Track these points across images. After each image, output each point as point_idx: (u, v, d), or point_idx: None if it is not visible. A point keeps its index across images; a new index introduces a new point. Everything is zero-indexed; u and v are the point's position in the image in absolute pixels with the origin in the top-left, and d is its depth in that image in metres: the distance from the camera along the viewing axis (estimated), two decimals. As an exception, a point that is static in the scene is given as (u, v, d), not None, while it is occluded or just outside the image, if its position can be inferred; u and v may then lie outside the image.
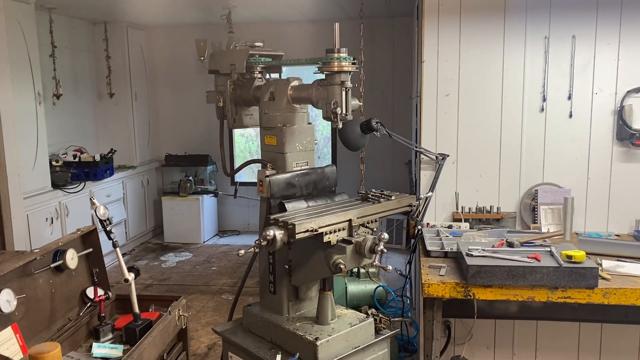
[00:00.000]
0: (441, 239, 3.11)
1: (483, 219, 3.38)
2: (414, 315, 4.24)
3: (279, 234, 2.08)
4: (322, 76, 2.28)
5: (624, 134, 3.26)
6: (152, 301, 3.01)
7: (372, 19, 6.63)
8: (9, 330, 2.25)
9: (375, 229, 2.35)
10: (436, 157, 3.39)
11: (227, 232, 7.72)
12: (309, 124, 2.54)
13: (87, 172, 5.90)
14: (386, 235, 2.15)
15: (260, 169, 2.46)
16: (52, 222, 5.22)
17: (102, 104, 6.93)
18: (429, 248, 2.99)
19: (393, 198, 2.44)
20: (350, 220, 2.23)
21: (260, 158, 2.54)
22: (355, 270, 3.90)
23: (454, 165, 3.43)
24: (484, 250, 2.72)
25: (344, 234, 2.22)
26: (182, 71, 7.49)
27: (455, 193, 3.45)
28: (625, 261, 2.80)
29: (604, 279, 2.59)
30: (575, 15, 3.24)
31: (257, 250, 2.13)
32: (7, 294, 2.28)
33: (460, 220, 3.38)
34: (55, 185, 5.37)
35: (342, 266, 2.14)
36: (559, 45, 3.27)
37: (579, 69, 3.28)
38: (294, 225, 2.05)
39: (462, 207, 3.43)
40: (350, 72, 2.22)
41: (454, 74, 3.37)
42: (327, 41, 2.21)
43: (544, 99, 3.33)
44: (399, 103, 7.02)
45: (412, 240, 3.41)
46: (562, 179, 3.37)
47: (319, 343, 2.22)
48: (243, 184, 7.47)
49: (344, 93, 2.21)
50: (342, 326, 2.36)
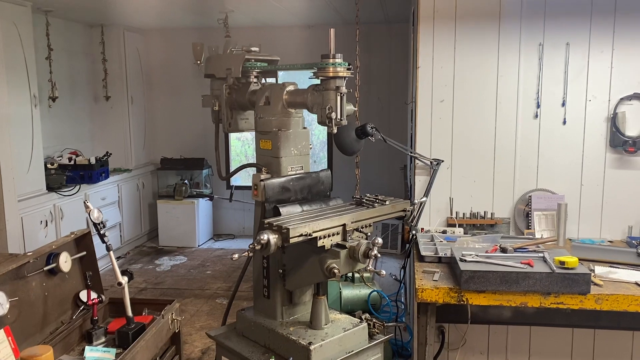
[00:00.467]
0: (435, 244, 3.12)
1: (477, 225, 3.40)
2: (408, 320, 4.24)
3: (273, 238, 2.08)
4: (318, 81, 2.29)
5: (617, 141, 3.28)
6: (146, 305, 3.00)
7: (368, 25, 6.65)
8: (1, 333, 2.24)
9: (369, 234, 2.36)
10: (431, 162, 3.40)
11: (222, 236, 7.70)
12: (304, 128, 2.55)
13: (83, 175, 5.88)
14: (380, 240, 2.16)
15: (255, 173, 2.47)
16: (46, 225, 5.20)
17: (98, 107, 6.92)
18: (423, 253, 3.00)
19: (387, 203, 2.45)
20: (344, 225, 2.24)
21: (255, 162, 2.55)
22: (350, 275, 3.90)
23: (448, 171, 3.44)
24: (477, 255, 2.73)
25: (338, 239, 2.23)
26: (178, 75, 7.49)
27: (450, 198, 3.46)
28: (618, 267, 2.81)
29: (596, 285, 2.61)
30: (569, 23, 3.26)
31: (251, 254, 2.13)
32: (0, 296, 2.28)
33: (454, 226, 3.39)
34: (50, 188, 5.35)
35: (336, 271, 2.15)
36: (553, 52, 3.30)
37: (572, 76, 3.30)
38: (288, 229, 2.05)
39: (456, 213, 3.44)
40: (345, 77, 2.23)
41: (449, 80, 3.39)
42: (324, 46, 2.22)
43: (538, 106, 3.35)
44: (394, 108, 7.03)
45: (407, 245, 3.42)
46: (556, 185, 3.38)
47: (312, 348, 2.22)
48: (239, 187, 7.47)
49: (338, 98, 2.22)
50: (336, 331, 2.37)
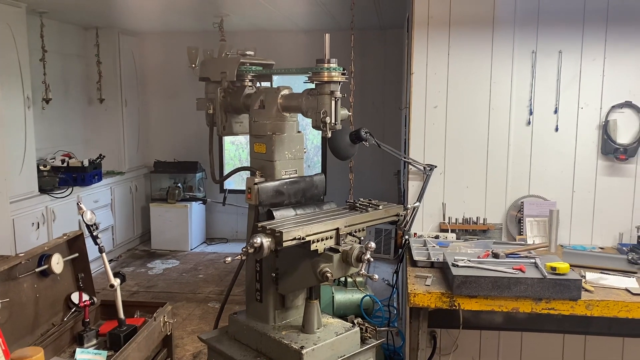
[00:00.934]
0: (428, 249, 3.13)
1: (469, 230, 3.41)
2: (401, 325, 4.25)
3: (266, 241, 2.08)
4: (312, 85, 2.30)
5: (609, 148, 3.31)
6: (138, 307, 2.99)
7: (363, 31, 6.68)
8: (-9, 335, 2.23)
9: (362, 238, 2.36)
10: (424, 167, 3.42)
11: (215, 240, 7.68)
12: (299, 132, 2.55)
13: (75, 177, 5.86)
14: (373, 244, 2.16)
15: (249, 176, 2.47)
16: (38, 227, 5.17)
17: (91, 110, 6.90)
18: (415, 258, 3.00)
19: (381, 207, 2.46)
20: (337, 229, 2.24)
21: (249, 165, 2.55)
22: (343, 279, 3.90)
23: (441, 176, 3.46)
24: (469, 260, 2.74)
25: (331, 243, 2.23)
26: (172, 78, 7.48)
27: (443, 204, 3.48)
28: (609, 274, 2.83)
29: (587, 291, 2.62)
30: (562, 31, 3.30)
31: (244, 257, 2.13)
32: (-9, 298, 2.26)
33: (447, 231, 3.40)
34: (43, 190, 5.33)
35: (329, 274, 2.15)
36: (545, 59, 3.33)
37: (565, 83, 3.33)
38: (281, 233, 2.05)
39: (449, 218, 3.46)
40: (339, 82, 2.24)
41: (443, 86, 3.41)
42: (318, 51, 2.23)
43: (531, 113, 3.38)
44: (389, 114, 7.06)
45: (400, 250, 3.43)
46: (548, 192, 3.41)
47: (304, 352, 2.22)
48: (232, 191, 7.46)
49: (333, 103, 2.23)
50: (328, 335, 2.36)
